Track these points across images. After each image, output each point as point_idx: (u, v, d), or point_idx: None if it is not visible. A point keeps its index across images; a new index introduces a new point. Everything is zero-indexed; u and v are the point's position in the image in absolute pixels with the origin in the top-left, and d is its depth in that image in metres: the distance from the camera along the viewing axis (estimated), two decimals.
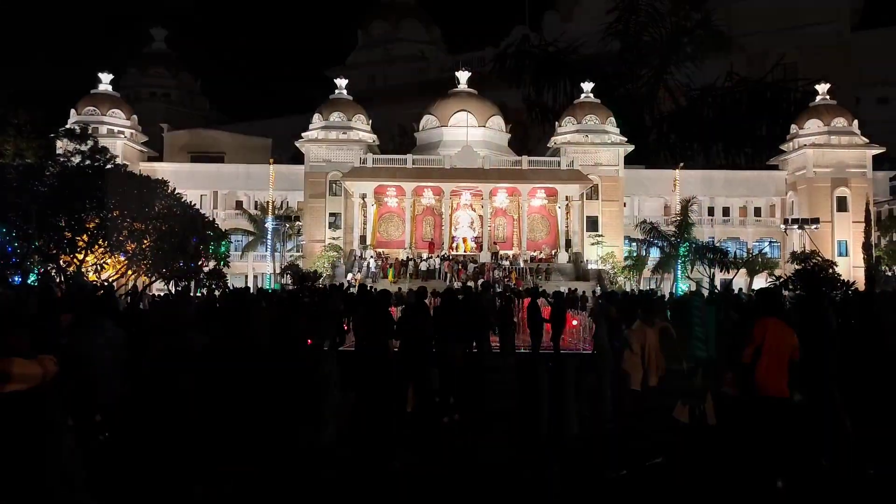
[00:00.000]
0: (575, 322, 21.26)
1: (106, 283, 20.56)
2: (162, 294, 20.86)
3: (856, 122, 51.73)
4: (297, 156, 52.90)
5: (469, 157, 46.41)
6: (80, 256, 22.63)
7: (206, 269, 27.67)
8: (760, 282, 41.07)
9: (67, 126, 38.06)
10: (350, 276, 39.52)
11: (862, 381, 8.89)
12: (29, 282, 22.25)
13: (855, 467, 7.32)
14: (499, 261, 43.07)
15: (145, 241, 23.50)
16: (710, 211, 53.83)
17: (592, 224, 49.53)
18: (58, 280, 21.48)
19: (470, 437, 9.00)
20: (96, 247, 22.75)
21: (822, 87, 53.22)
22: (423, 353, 10.48)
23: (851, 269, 45.49)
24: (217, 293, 25.21)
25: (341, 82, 53.23)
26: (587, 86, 53.60)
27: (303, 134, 51.30)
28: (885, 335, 8.93)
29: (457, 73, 56.49)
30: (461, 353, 10.97)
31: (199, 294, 28.14)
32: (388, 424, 9.25)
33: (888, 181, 54.64)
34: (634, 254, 44.26)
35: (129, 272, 24.58)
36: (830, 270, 32.33)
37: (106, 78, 52.66)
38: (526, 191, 45.87)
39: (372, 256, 43.20)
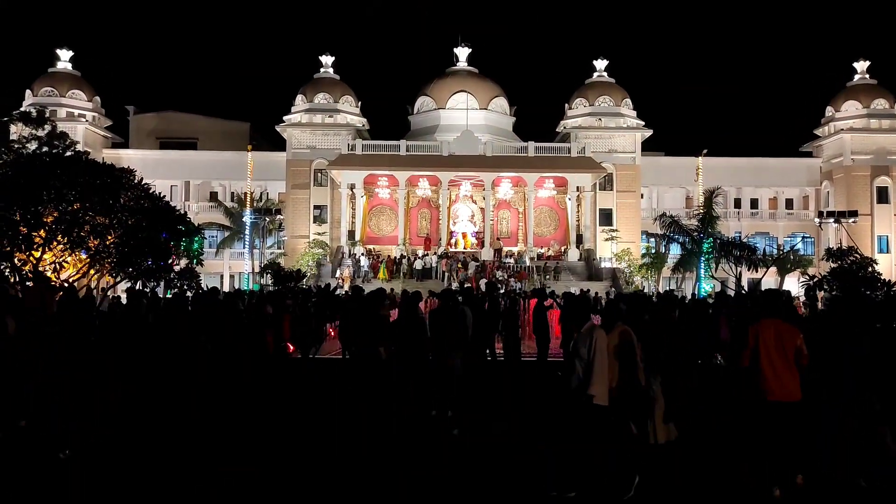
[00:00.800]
0: None
1: (66, 285, 20.48)
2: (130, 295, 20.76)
3: None
4: (278, 142, 52.88)
5: (469, 142, 46.42)
6: (38, 254, 22.55)
7: (177, 268, 27.60)
8: (792, 281, 41.13)
9: (22, 109, 37.95)
10: (338, 273, 39.56)
11: None
12: None
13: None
14: (502, 258, 43.11)
15: (109, 237, 23.36)
16: (737, 203, 53.96)
17: (606, 217, 49.62)
18: (13, 280, 21.40)
19: (469, 440, 9.15)
20: (55, 243, 22.63)
21: (861, 65, 53.16)
22: (419, 361, 10.48)
23: (893, 267, 45.61)
24: (189, 294, 25.21)
25: (327, 59, 53.17)
26: (600, 63, 53.54)
27: (284, 117, 51.28)
28: None
29: (456, 50, 56.39)
30: (461, 361, 10.94)
31: (167, 296, 28.10)
32: (386, 429, 9.41)
33: None
34: (653, 251, 44.28)
35: (92, 271, 24.50)
36: (870, 269, 32.29)
37: (65, 55, 52.50)
38: (532, 180, 45.91)
39: (362, 254, 43.22)
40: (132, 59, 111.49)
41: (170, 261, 25.90)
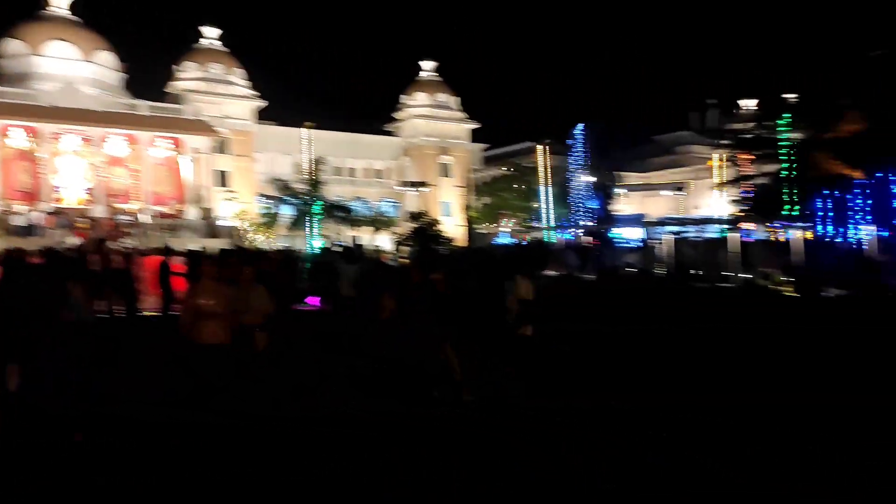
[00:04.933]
0: None
1: None
2: None
3: (458, 99, 59.52)
4: None
5: (73, 95, 39.75)
6: None
7: None
8: (384, 238, 44.83)
9: None
10: None
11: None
12: None
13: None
14: (117, 216, 38.03)
15: None
16: (339, 171, 56.29)
17: (223, 179, 47.40)
18: None
19: None
20: None
21: (428, 65, 59.42)
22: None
23: (455, 227, 52.79)
24: None
25: None
26: (210, 31, 50.23)
27: None
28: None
29: None
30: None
31: None
32: None
33: (482, 152, 64.17)
34: (271, 210, 43.86)
35: None
36: (437, 228, 36.88)
37: None
38: (146, 139, 41.26)
39: None
40: None
41: None
